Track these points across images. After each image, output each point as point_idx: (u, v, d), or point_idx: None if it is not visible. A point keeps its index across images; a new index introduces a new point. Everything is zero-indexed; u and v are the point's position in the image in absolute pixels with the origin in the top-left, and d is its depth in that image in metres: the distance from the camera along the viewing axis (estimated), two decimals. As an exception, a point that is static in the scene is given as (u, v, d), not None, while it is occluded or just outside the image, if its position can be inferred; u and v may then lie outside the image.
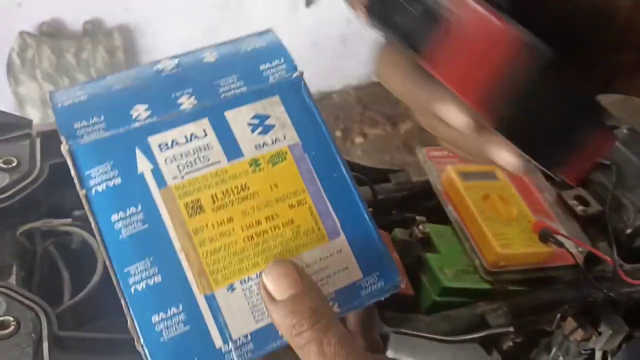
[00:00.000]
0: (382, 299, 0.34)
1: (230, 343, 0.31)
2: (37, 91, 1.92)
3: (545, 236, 0.72)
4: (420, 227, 0.74)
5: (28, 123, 0.63)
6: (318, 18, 2.22)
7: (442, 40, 0.27)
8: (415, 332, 0.60)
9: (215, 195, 0.33)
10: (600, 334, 0.75)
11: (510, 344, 0.67)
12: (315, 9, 2.20)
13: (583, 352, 0.79)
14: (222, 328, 0.31)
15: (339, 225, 0.35)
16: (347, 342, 0.28)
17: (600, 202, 0.81)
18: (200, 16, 2.10)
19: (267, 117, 0.36)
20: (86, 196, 0.32)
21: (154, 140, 0.33)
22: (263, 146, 0.35)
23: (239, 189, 0.34)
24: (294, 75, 0.37)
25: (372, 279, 0.34)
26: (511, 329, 0.66)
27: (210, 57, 0.37)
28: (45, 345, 0.44)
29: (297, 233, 0.34)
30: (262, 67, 0.37)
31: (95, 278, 0.56)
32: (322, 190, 0.35)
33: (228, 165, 0.34)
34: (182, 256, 0.32)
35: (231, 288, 0.32)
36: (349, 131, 2.28)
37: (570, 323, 0.75)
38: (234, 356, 0.31)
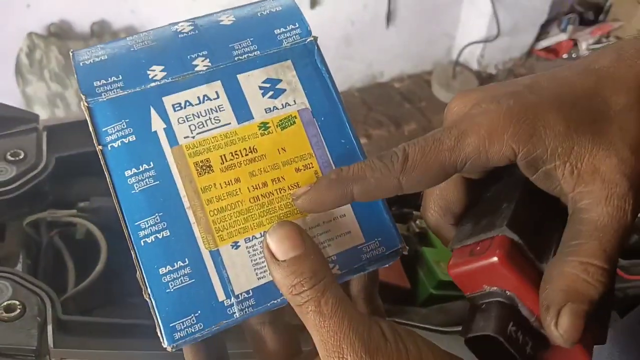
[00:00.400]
0: (385, 265, 0.34)
1: (232, 297, 0.32)
2: (45, 91, 1.94)
3: (541, 231, 0.73)
4: (418, 222, 0.75)
5: (35, 117, 0.64)
6: (322, 19, 2.23)
7: None
8: (409, 322, 0.61)
9: (224, 156, 0.34)
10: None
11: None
12: (319, 10, 2.21)
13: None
14: (226, 283, 0.32)
15: None
16: (344, 303, 0.29)
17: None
18: (205, 18, 2.12)
19: (279, 81, 0.36)
20: (102, 152, 0.33)
21: (168, 101, 0.34)
22: (273, 110, 0.35)
23: (248, 151, 0.35)
24: (307, 40, 0.37)
25: (374, 244, 0.34)
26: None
27: (226, 20, 0.37)
28: (50, 328, 0.46)
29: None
30: (276, 32, 0.37)
31: (99, 267, 0.58)
32: (329, 155, 0.35)
33: (238, 127, 0.35)
34: (190, 213, 0.33)
35: (235, 245, 0.33)
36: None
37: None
38: (236, 310, 0.32)
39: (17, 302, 0.46)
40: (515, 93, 0.31)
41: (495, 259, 0.30)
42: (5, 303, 0.46)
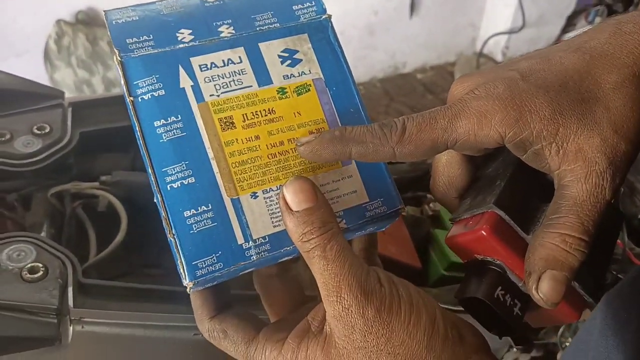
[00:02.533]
0: (386, 226, 0.37)
1: (250, 241, 0.34)
2: (72, 77, 1.99)
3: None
4: (431, 204, 0.76)
5: (60, 94, 0.67)
6: (346, 9, 2.24)
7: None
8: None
9: (246, 114, 0.37)
10: (607, 314, 0.76)
11: (515, 318, 0.68)
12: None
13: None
14: (245, 228, 0.35)
15: None
16: (346, 251, 0.32)
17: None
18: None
19: (296, 52, 0.40)
20: (133, 103, 0.35)
21: (195, 61, 0.37)
22: (290, 77, 0.39)
23: (267, 112, 0.38)
24: (322, 17, 0.40)
25: (377, 203, 0.37)
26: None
27: None
28: (70, 290, 0.48)
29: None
30: (294, 7, 0.40)
31: (119, 238, 0.60)
32: (339, 122, 0.38)
33: (258, 90, 0.38)
34: (213, 163, 0.35)
35: (254, 195, 0.36)
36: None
37: (578, 303, 0.76)
38: (253, 253, 0.34)
39: (41, 265, 0.49)
40: (508, 79, 0.33)
41: (482, 232, 0.34)
42: (29, 265, 0.49)
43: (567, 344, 0.81)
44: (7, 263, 0.49)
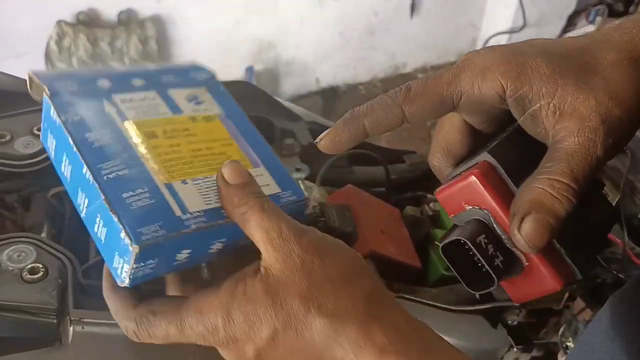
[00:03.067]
0: (301, 215, 0.44)
1: (187, 213, 0.39)
2: (73, 78, 1.99)
3: (555, 216, 0.73)
4: (431, 204, 0.76)
5: (61, 95, 0.67)
6: (346, 9, 2.24)
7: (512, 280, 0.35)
8: (419, 300, 0.62)
9: (165, 130, 0.44)
10: (608, 314, 0.76)
11: (516, 318, 0.68)
12: (343, 0, 2.22)
13: (591, 332, 0.80)
14: (181, 203, 0.39)
15: (258, 159, 0.46)
16: (278, 211, 0.37)
17: (613, 185, 0.81)
18: (230, 8, 2.15)
19: (198, 96, 0.49)
20: (64, 123, 0.42)
21: (116, 97, 0.45)
22: (197, 111, 0.48)
23: (183, 130, 0.45)
24: (212, 76, 0.51)
25: (288, 193, 0.44)
26: (516, 303, 0.67)
27: (154, 67, 0.51)
28: (70, 290, 0.48)
29: (228, 160, 0.43)
30: (191, 74, 0.51)
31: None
32: (244, 139, 0.46)
33: (173, 116, 0.46)
34: (143, 160, 0.41)
35: (184, 182, 0.41)
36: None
37: (579, 303, 0.76)
38: (191, 222, 0.38)
39: (41, 265, 0.49)
40: (513, 44, 0.36)
41: (473, 177, 0.35)
42: (29, 265, 0.49)
43: (568, 343, 0.81)
44: (8, 264, 0.49)
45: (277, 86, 2.35)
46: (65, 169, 0.43)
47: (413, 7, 2.33)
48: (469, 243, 0.33)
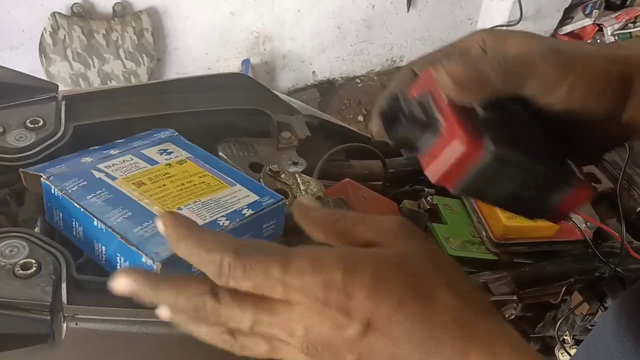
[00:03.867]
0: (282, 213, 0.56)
1: None
2: (68, 70, 1.98)
3: (553, 210, 0.72)
4: (429, 198, 0.75)
5: (54, 87, 0.66)
6: (342, 2, 2.23)
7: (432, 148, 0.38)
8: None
9: (150, 177, 0.57)
10: (606, 308, 0.76)
11: (513, 312, 0.68)
12: (340, -7, 2.21)
13: (590, 327, 0.79)
14: None
15: (233, 180, 0.58)
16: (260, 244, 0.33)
17: (611, 179, 0.81)
18: (226, 0, 2.13)
19: (167, 149, 0.62)
20: (66, 195, 0.53)
21: (102, 165, 0.57)
22: (170, 158, 0.60)
23: (164, 174, 0.58)
24: (175, 134, 0.65)
25: (266, 198, 0.56)
26: (514, 297, 0.67)
27: (123, 139, 0.64)
28: (64, 286, 0.47)
29: (209, 186, 0.57)
30: (155, 135, 0.64)
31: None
32: (215, 170, 0.59)
33: (152, 167, 0.58)
34: (141, 203, 0.52)
35: (179, 209, 0.53)
36: (371, 116, 2.29)
37: (576, 297, 0.76)
38: None
39: (33, 261, 0.48)
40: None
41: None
42: (22, 261, 0.48)
43: (565, 337, 0.81)
44: (0, 259, 0.48)
45: (273, 79, 2.33)
46: (77, 232, 0.53)
47: (410, 1, 2.32)
48: (400, 96, 0.39)
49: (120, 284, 0.33)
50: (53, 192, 0.53)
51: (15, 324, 0.44)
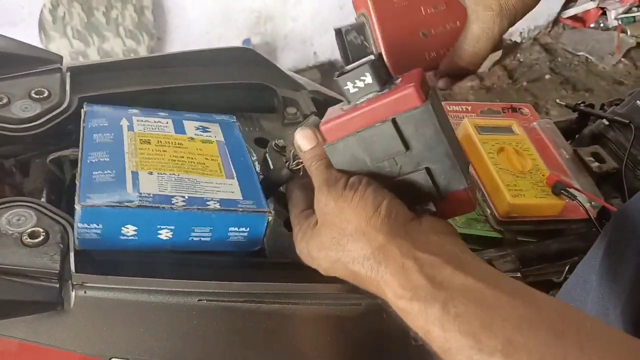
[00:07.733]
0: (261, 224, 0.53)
1: (137, 192, 0.49)
2: (68, 48, 1.96)
3: (559, 189, 0.72)
4: (434, 176, 0.75)
5: (59, 58, 0.65)
6: (344, -9, 2.20)
7: None
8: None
9: (160, 140, 0.57)
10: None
11: (517, 289, 0.68)
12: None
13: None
14: (136, 186, 0.49)
15: (234, 174, 0.56)
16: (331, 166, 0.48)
17: (616, 159, 0.81)
18: (227, -23, 2.11)
19: (208, 128, 0.62)
20: (87, 125, 0.58)
21: (134, 117, 0.60)
22: (200, 135, 0.60)
23: (176, 143, 0.58)
24: (232, 121, 0.67)
25: (248, 202, 0.53)
26: (518, 274, 0.67)
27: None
28: (72, 255, 0.47)
29: (204, 168, 0.55)
30: (215, 117, 0.66)
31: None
32: (229, 157, 0.58)
33: (174, 135, 0.59)
34: (126, 155, 0.54)
35: (150, 173, 0.52)
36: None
37: (579, 276, 0.76)
38: (136, 199, 0.48)
39: (41, 230, 0.48)
40: None
41: None
42: (29, 230, 0.48)
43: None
44: (7, 228, 0.48)
45: (274, 60, 2.31)
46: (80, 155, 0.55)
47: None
48: (342, 30, 0.54)
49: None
50: (82, 121, 0.58)
51: (25, 292, 0.44)
